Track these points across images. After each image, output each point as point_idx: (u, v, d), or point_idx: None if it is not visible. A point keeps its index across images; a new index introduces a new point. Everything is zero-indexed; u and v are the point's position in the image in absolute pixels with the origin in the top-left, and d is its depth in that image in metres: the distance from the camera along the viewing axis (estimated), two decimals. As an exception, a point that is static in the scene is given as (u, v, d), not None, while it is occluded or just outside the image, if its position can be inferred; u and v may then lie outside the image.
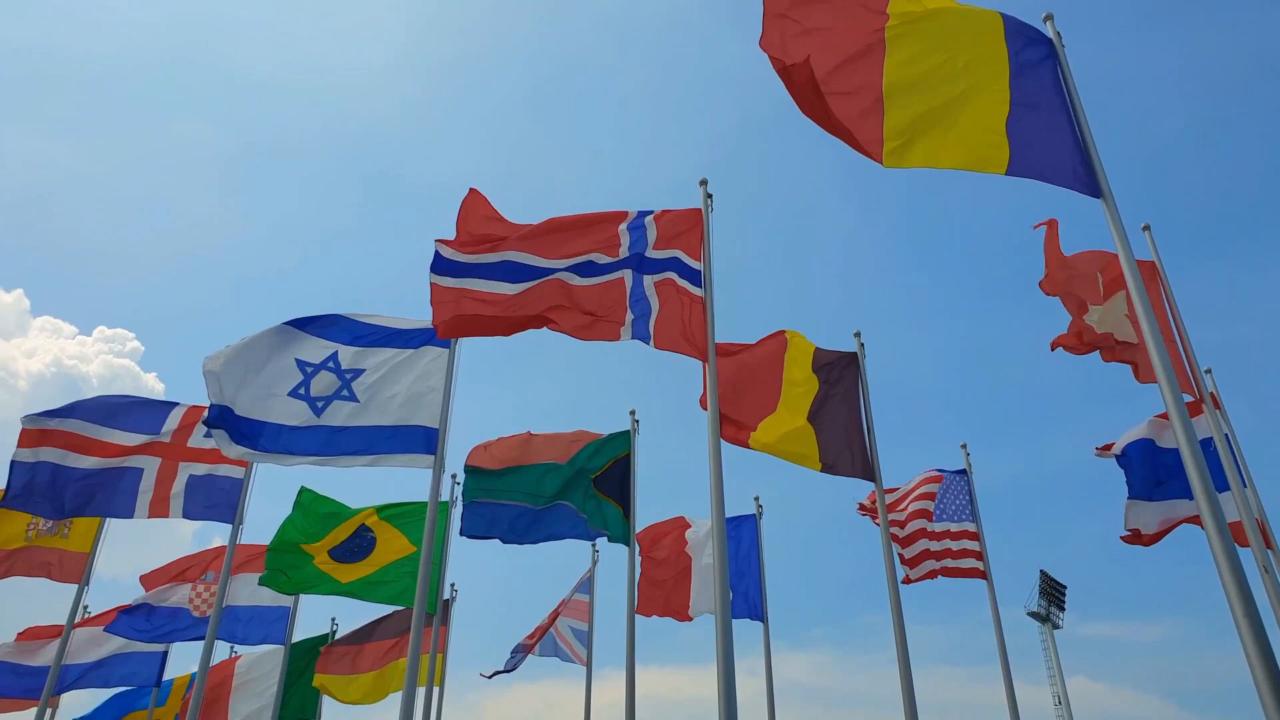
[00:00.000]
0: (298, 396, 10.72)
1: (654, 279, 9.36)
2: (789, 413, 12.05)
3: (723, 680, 6.94)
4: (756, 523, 16.76)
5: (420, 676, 13.37)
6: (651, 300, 9.22)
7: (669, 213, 9.79)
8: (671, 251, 9.52)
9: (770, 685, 15.38)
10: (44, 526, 15.60)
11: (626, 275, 9.37)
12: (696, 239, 9.56)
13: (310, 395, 10.75)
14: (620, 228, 9.64)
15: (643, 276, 9.38)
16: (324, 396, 10.77)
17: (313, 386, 10.81)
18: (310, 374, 10.88)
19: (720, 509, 7.85)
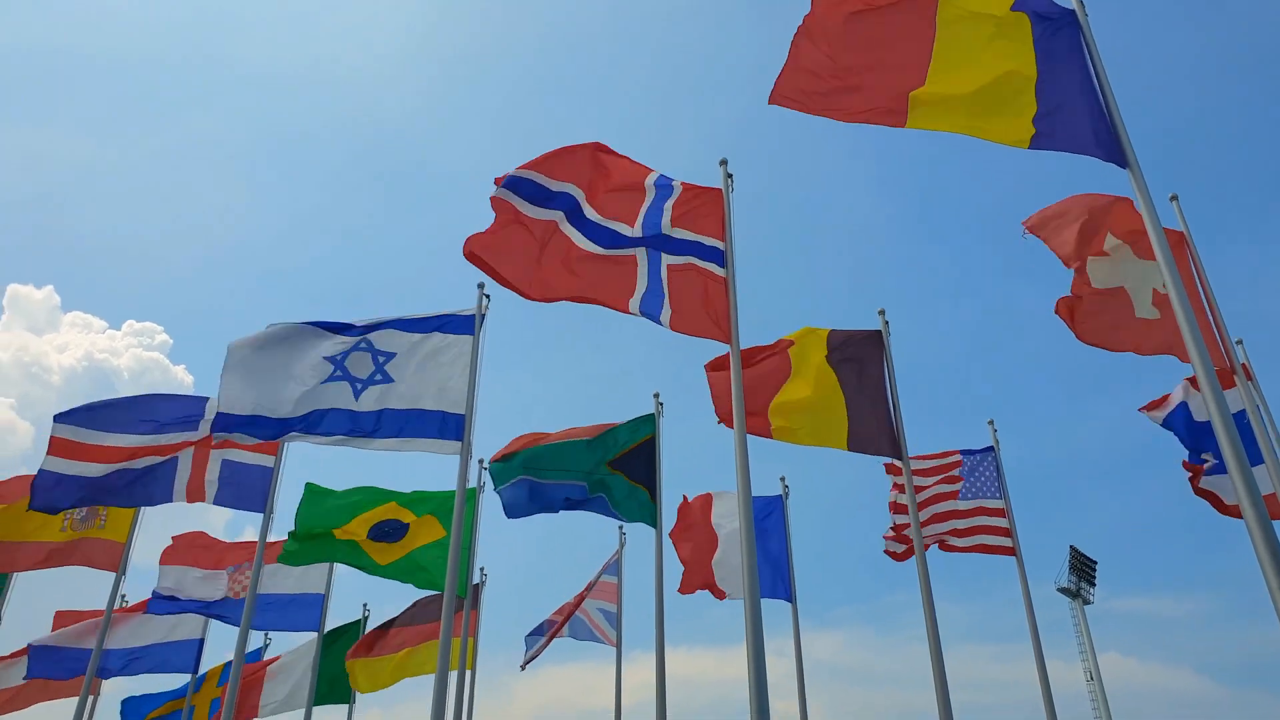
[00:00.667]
0: (333, 380, 10.80)
1: (671, 260, 9.29)
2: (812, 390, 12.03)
3: (753, 661, 6.96)
4: (783, 503, 16.75)
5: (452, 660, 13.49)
6: (664, 280, 9.16)
7: (690, 189, 9.72)
8: (691, 234, 9.44)
9: (800, 665, 15.41)
10: (79, 518, 15.86)
11: (639, 254, 9.29)
12: (718, 220, 9.50)
13: (351, 376, 10.84)
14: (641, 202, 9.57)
15: (660, 254, 9.31)
16: (361, 379, 10.86)
17: (350, 369, 10.89)
18: (341, 360, 10.95)
19: (746, 490, 7.85)
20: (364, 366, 10.99)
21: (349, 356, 11.00)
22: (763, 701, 6.82)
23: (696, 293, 9.10)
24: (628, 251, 9.24)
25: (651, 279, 9.10)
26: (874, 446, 11.79)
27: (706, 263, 9.26)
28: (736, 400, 8.38)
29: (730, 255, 9.23)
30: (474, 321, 11.45)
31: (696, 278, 9.17)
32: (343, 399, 10.72)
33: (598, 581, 18.68)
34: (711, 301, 9.02)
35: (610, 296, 9.08)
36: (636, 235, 9.32)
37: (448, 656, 9.44)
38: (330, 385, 10.78)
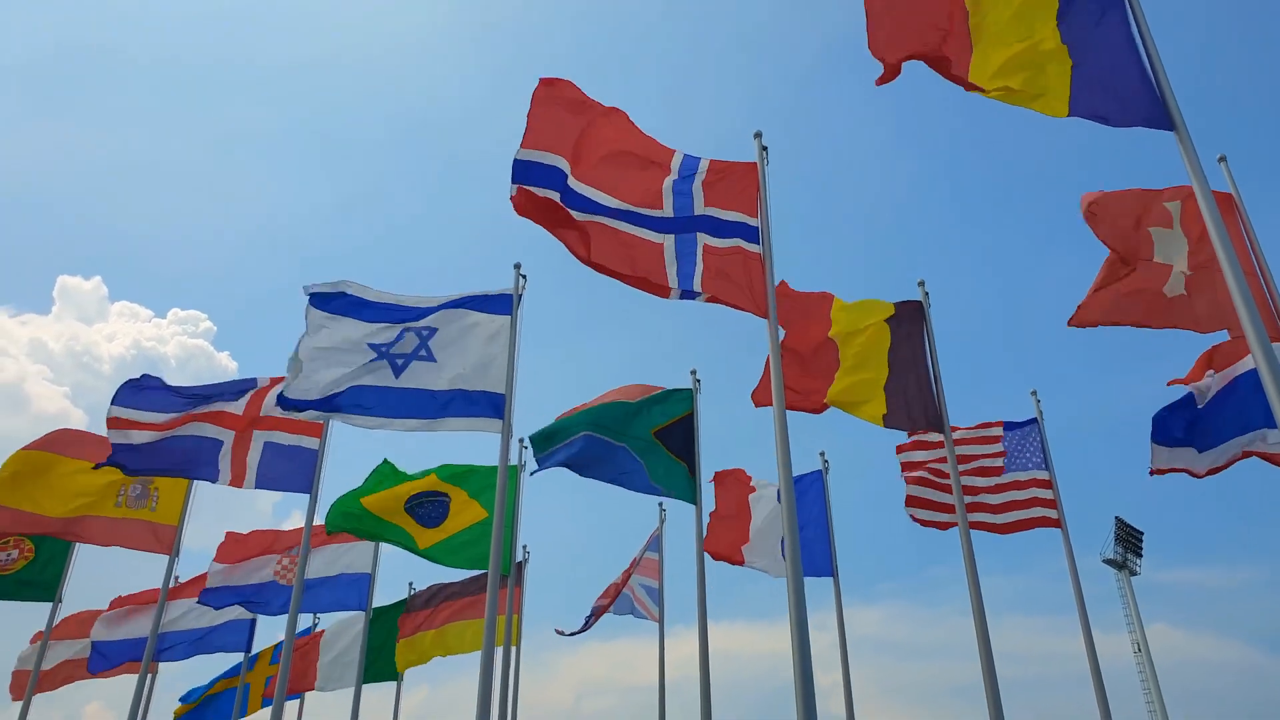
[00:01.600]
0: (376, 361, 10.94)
1: (704, 239, 9.22)
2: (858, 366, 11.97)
3: (796, 637, 6.96)
4: (823, 479, 16.70)
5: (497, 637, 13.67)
6: (699, 258, 9.09)
7: (719, 166, 9.63)
8: (723, 211, 9.33)
9: (843, 639, 15.39)
10: (133, 495, 16.21)
11: (668, 241, 9.20)
12: (751, 195, 9.42)
13: (392, 355, 10.96)
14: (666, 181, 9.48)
15: (693, 235, 9.23)
16: (404, 354, 10.99)
17: (393, 351, 11.02)
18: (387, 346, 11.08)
19: (787, 466, 7.83)
20: (408, 344, 11.11)
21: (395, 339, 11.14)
22: (807, 676, 6.83)
23: (733, 269, 9.04)
24: (656, 237, 9.16)
25: (684, 261, 9.04)
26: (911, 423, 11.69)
27: (742, 240, 9.19)
28: (775, 375, 8.35)
29: (765, 230, 9.16)
30: (511, 301, 11.52)
31: (732, 256, 9.11)
32: (383, 377, 10.84)
33: (641, 558, 18.78)
34: (748, 277, 8.97)
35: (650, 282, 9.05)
36: (665, 217, 9.25)
37: (493, 634, 9.56)
38: (372, 365, 10.91)
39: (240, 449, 13.72)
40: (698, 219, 9.25)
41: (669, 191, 9.38)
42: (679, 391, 14.10)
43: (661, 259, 9.03)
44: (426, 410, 10.78)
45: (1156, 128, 6.81)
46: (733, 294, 8.91)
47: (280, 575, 18.42)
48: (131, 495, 16.17)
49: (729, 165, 9.59)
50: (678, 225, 9.22)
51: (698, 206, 9.33)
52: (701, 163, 9.63)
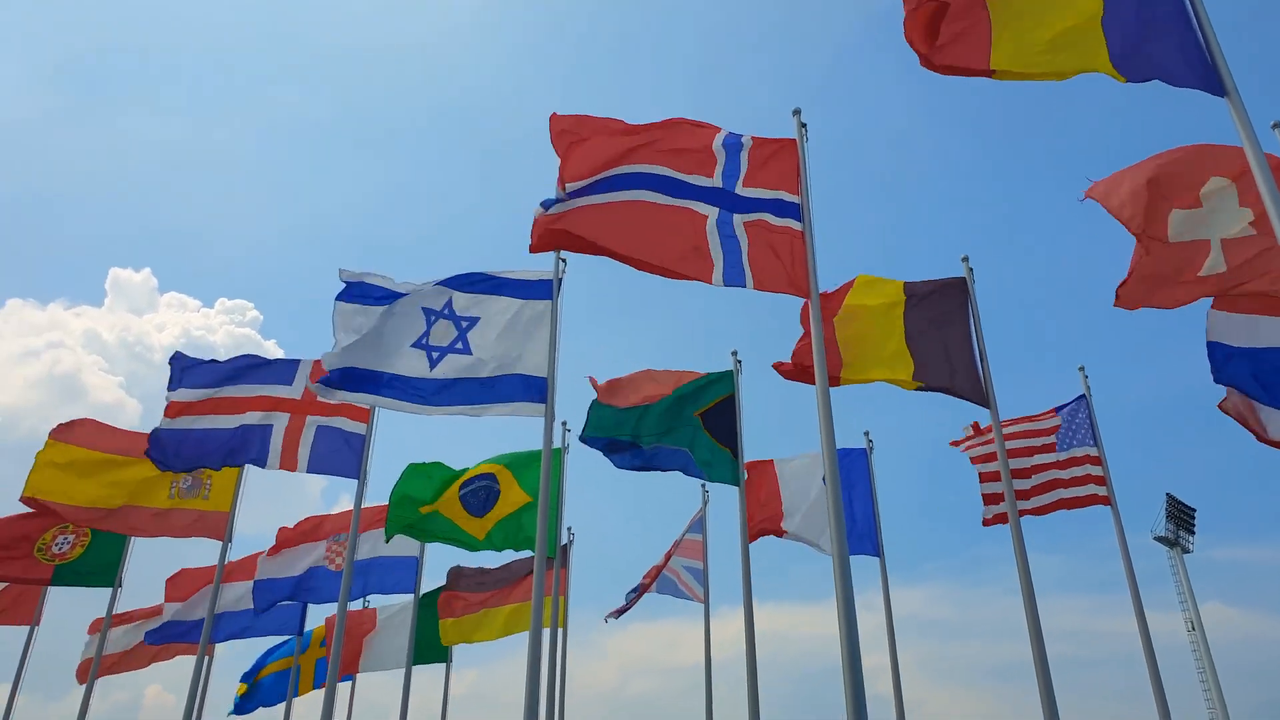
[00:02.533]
0: (420, 347, 11.04)
1: (744, 219, 9.17)
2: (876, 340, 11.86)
3: (843, 617, 6.94)
4: (867, 457, 16.59)
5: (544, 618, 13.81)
6: (741, 240, 9.05)
7: (761, 143, 9.57)
8: (764, 191, 9.28)
9: (890, 620, 15.33)
10: (185, 487, 16.59)
11: (712, 214, 9.18)
12: (792, 173, 9.34)
13: (429, 345, 11.07)
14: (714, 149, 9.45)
15: (732, 215, 9.19)
16: (440, 348, 11.08)
17: (433, 335, 11.12)
18: (433, 321, 11.19)
19: (831, 444, 7.79)
20: (446, 335, 11.19)
21: (436, 322, 11.22)
22: (855, 657, 6.81)
23: (774, 249, 8.99)
24: (702, 208, 9.14)
25: (727, 245, 9.01)
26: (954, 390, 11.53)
27: (782, 219, 9.13)
28: (818, 354, 8.30)
29: (806, 208, 9.09)
30: (552, 286, 11.56)
31: (773, 234, 9.05)
32: (419, 368, 10.94)
33: (683, 539, 18.83)
34: (789, 256, 8.91)
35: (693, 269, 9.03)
36: (712, 188, 9.22)
37: (540, 615, 9.65)
38: (411, 352, 11.01)
39: (293, 432, 14.00)
40: (740, 198, 9.22)
41: (719, 161, 9.36)
42: (720, 374, 14.08)
43: (704, 238, 9.01)
44: (467, 398, 10.88)
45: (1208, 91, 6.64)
46: (775, 279, 8.87)
47: (330, 560, 18.74)
48: (183, 487, 16.54)
49: (770, 142, 9.53)
50: (723, 200, 9.20)
51: (740, 185, 9.29)
52: (744, 139, 9.59)
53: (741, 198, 9.24)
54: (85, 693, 17.93)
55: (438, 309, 11.29)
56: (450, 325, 11.24)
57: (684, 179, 9.24)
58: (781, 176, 9.33)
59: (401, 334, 11.07)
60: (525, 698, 9.12)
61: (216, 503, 16.54)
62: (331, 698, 12.79)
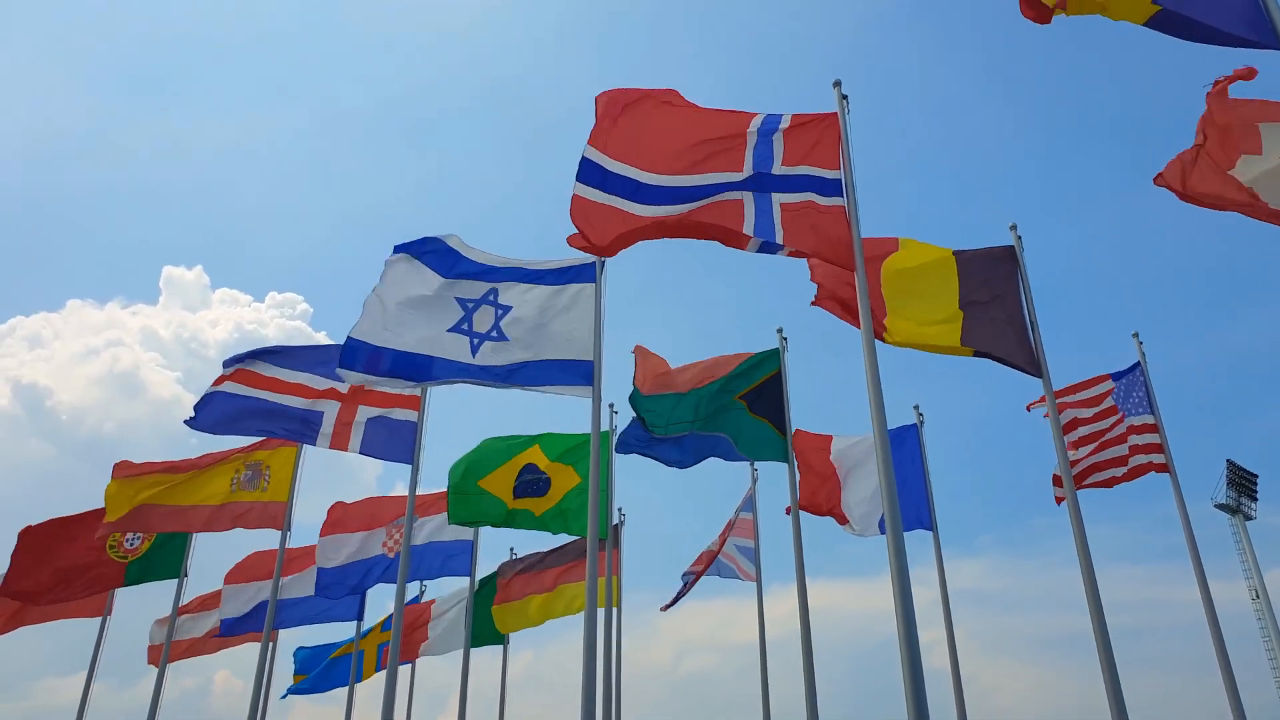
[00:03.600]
0: (460, 332, 11.11)
1: (781, 198, 9.09)
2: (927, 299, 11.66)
3: (898, 592, 6.91)
4: (918, 432, 16.45)
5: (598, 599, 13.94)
6: (777, 215, 8.99)
7: (799, 121, 9.47)
8: (802, 168, 9.17)
9: (945, 594, 15.22)
10: (244, 479, 17.03)
11: (747, 198, 9.12)
12: (831, 147, 9.22)
13: (472, 330, 11.14)
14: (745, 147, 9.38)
15: (769, 195, 9.12)
16: (481, 334, 11.14)
17: (475, 322, 11.19)
18: (472, 309, 11.26)
19: (881, 419, 7.73)
20: (485, 321, 11.26)
21: (476, 310, 11.28)
22: (911, 631, 6.78)
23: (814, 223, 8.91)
24: (733, 196, 9.09)
25: (760, 215, 8.96)
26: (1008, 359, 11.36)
27: (824, 197, 9.02)
28: (865, 330, 8.22)
29: (849, 182, 8.98)
30: (595, 268, 11.58)
31: (813, 212, 8.97)
32: (461, 353, 11.00)
33: (736, 519, 18.85)
34: (831, 230, 8.82)
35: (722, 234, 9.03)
36: (743, 178, 9.16)
37: (595, 596, 9.74)
38: (451, 336, 11.06)
39: (345, 417, 14.27)
40: (776, 178, 9.13)
41: (750, 152, 9.29)
42: (765, 354, 14.02)
43: (741, 213, 8.99)
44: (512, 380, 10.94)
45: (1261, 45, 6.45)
46: (815, 247, 8.80)
47: (389, 549, 19.06)
48: (244, 479, 16.98)
49: (808, 118, 9.42)
50: (756, 184, 9.13)
51: (776, 165, 9.20)
52: (783, 120, 9.49)
53: (778, 177, 9.16)
54: (157, 679, 18.49)
55: (476, 298, 11.33)
56: (490, 311, 11.29)
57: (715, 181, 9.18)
58: (821, 152, 9.21)
59: (437, 321, 11.10)
60: (582, 678, 9.22)
61: (274, 493, 16.92)
62: (393, 682, 13.04)
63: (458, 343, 11.03)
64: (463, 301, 11.27)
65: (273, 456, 17.11)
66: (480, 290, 11.38)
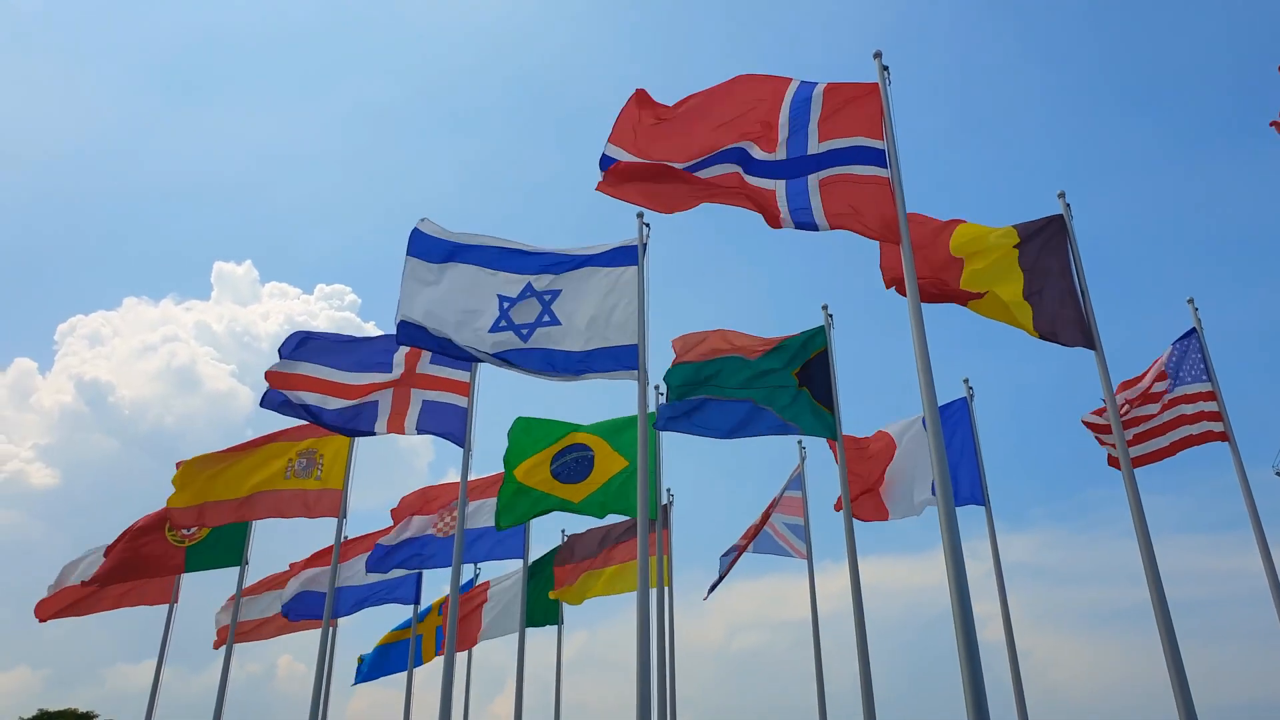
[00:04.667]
0: (499, 329, 11.17)
1: (819, 176, 9.00)
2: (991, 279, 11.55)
3: (952, 567, 6.88)
4: (968, 406, 16.28)
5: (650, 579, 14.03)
6: (814, 193, 8.92)
7: (835, 89, 9.36)
8: (842, 140, 9.10)
9: (998, 567, 15.08)
10: (299, 468, 17.38)
11: (780, 186, 9.06)
12: (875, 117, 9.11)
13: (515, 324, 11.21)
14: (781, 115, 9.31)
15: (805, 179, 9.04)
16: (528, 324, 11.21)
17: (514, 317, 11.26)
18: (508, 307, 11.32)
19: (931, 395, 7.68)
20: (530, 312, 11.28)
21: (515, 306, 11.31)
22: (965, 606, 6.76)
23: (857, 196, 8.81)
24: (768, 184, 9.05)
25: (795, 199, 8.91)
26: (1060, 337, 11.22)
27: (865, 166, 8.92)
28: (912, 301, 8.15)
29: (892, 153, 8.87)
30: (637, 251, 11.59)
31: (853, 185, 8.87)
32: (513, 344, 11.08)
33: (782, 497, 18.82)
34: (874, 203, 8.72)
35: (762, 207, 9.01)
36: (779, 160, 9.09)
37: (646, 575, 9.82)
38: (499, 334, 11.07)
39: (400, 402, 14.53)
40: (811, 158, 9.05)
41: (783, 128, 9.22)
42: (811, 331, 13.94)
43: (774, 202, 8.96)
44: (560, 367, 11.01)
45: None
46: (857, 221, 8.71)
47: (439, 530, 19.34)
48: (299, 467, 17.33)
49: (846, 88, 9.30)
50: (789, 169, 9.07)
51: (812, 144, 9.11)
52: (816, 90, 9.38)
53: (814, 157, 9.07)
54: (224, 662, 19.06)
55: (514, 296, 11.34)
56: (534, 302, 11.34)
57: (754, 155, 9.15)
58: (862, 122, 9.10)
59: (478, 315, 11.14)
60: (636, 656, 9.33)
61: (329, 481, 17.26)
62: (451, 665, 13.26)
63: (506, 339, 11.09)
64: (502, 299, 11.31)
65: (324, 444, 17.43)
66: (519, 285, 11.43)
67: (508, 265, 11.56)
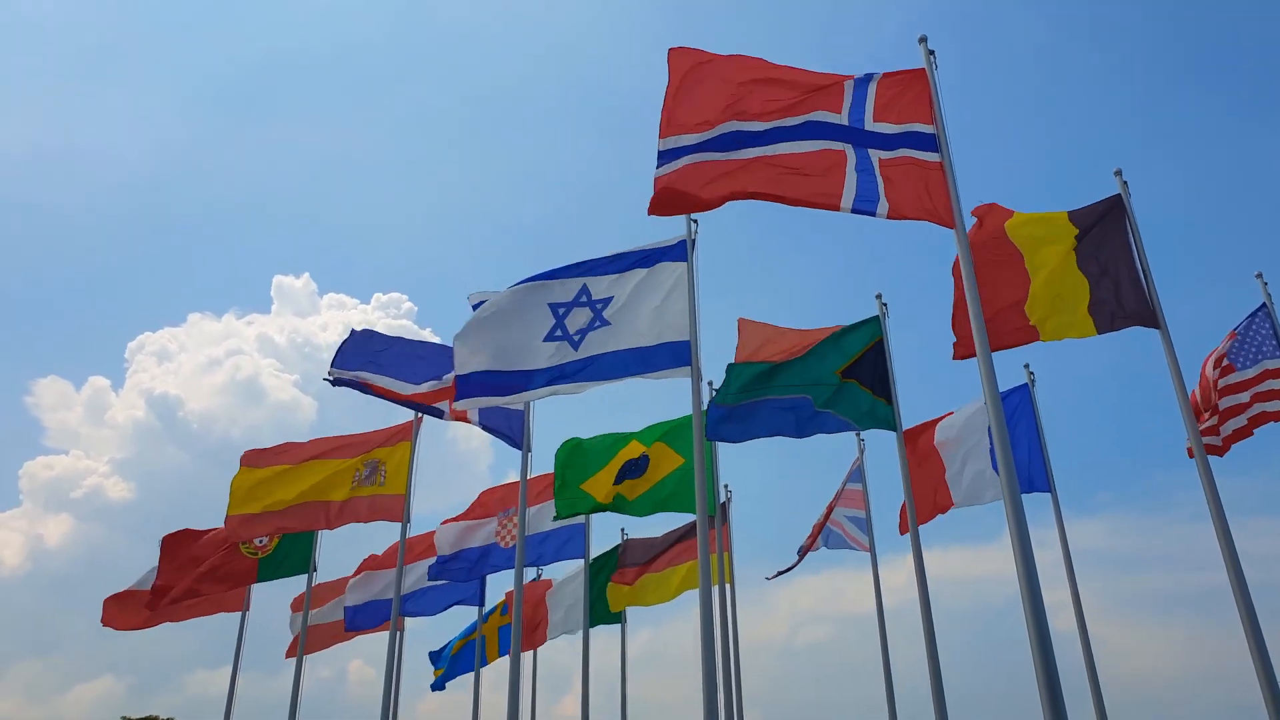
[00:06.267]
0: (553, 339, 11.27)
1: (880, 154, 8.90)
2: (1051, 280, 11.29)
3: (1020, 556, 6.77)
4: (1029, 392, 15.97)
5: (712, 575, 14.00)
6: (878, 174, 8.78)
7: (889, 78, 9.27)
8: (896, 125, 8.97)
9: (1067, 555, 14.78)
10: (363, 477, 17.72)
11: (848, 149, 8.95)
12: (924, 102, 9.00)
13: (568, 333, 11.31)
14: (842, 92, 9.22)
15: (867, 150, 8.92)
16: (581, 329, 11.30)
17: (568, 325, 11.36)
18: (563, 315, 11.41)
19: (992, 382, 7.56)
20: (581, 319, 11.36)
21: (569, 314, 11.41)
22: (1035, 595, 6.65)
23: (915, 183, 8.69)
24: (836, 145, 8.91)
25: (863, 176, 8.74)
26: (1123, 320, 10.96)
27: (919, 151, 8.81)
28: (969, 286, 8.04)
29: (942, 137, 8.75)
30: (685, 248, 11.57)
31: (912, 169, 8.76)
32: (565, 354, 11.16)
33: (843, 490, 18.67)
34: (931, 189, 8.60)
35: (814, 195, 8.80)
36: (843, 124, 8.99)
37: (708, 572, 9.79)
38: (551, 344, 11.21)
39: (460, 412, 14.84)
40: (870, 134, 8.96)
41: (846, 96, 9.14)
42: (863, 322, 13.75)
43: (842, 167, 8.77)
44: (611, 371, 11.07)
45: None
46: (914, 207, 8.58)
47: (500, 538, 19.53)
48: (362, 477, 17.69)
49: (898, 75, 9.22)
50: (854, 136, 8.96)
51: (869, 121, 9.04)
52: (874, 77, 9.32)
53: (872, 133, 8.98)
54: (296, 669, 19.49)
55: (568, 300, 11.45)
56: (586, 310, 11.42)
57: (813, 119, 9.02)
58: (913, 107, 9.00)
59: (531, 333, 11.30)
60: (701, 653, 9.33)
61: (392, 486, 17.56)
62: (517, 666, 13.41)
63: (558, 349, 11.22)
64: (554, 307, 11.43)
65: (390, 454, 17.75)
66: (572, 290, 11.54)
67: (558, 275, 11.73)
